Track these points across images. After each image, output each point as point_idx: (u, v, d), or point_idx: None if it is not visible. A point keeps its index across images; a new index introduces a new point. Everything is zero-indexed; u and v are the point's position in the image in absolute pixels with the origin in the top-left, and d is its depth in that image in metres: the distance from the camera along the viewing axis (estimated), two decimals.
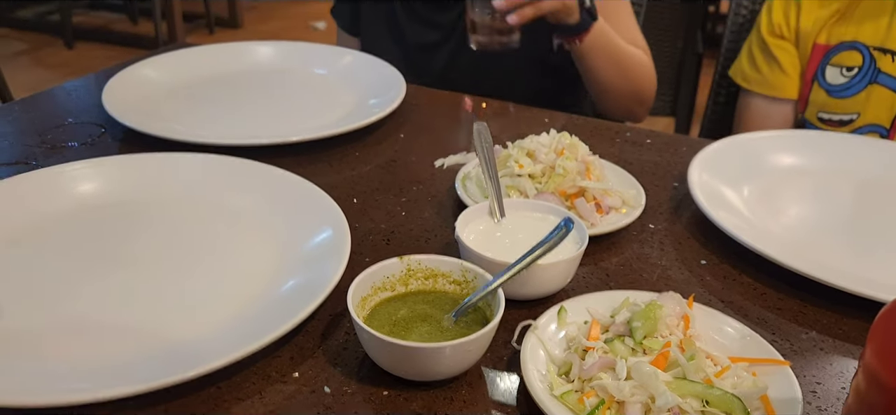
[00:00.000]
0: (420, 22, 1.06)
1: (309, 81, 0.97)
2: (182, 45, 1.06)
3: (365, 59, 0.99)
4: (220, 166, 0.70)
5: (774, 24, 1.02)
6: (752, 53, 1.05)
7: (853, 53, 0.96)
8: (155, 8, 3.29)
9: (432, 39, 1.06)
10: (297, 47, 1.04)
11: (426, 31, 1.06)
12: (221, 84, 0.96)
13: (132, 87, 0.91)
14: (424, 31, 1.06)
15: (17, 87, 2.82)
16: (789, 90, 1.02)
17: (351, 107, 0.89)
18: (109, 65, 3.34)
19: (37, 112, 0.91)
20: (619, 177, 0.72)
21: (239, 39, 3.58)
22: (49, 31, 3.68)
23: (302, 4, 4.32)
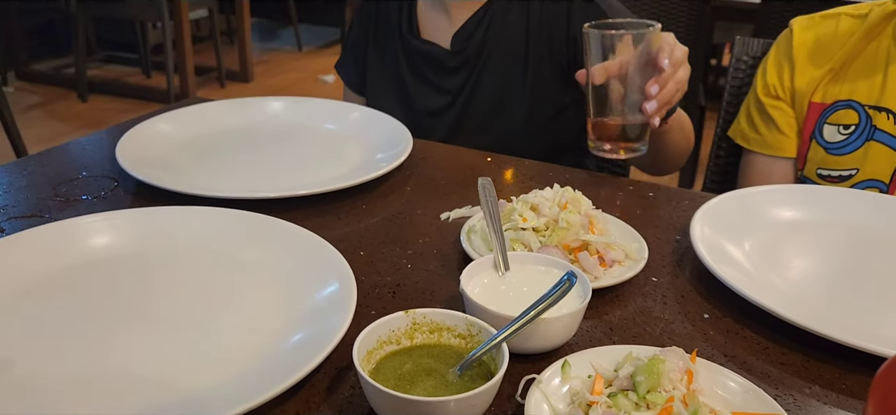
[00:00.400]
0: (428, 87, 1.08)
1: (318, 136, 0.99)
2: (195, 100, 1.09)
3: (372, 115, 1.01)
4: (231, 220, 0.71)
5: (769, 85, 1.04)
6: (750, 114, 1.07)
7: (849, 112, 0.98)
8: (167, 62, 3.37)
9: (439, 104, 1.08)
10: (306, 103, 1.06)
11: (434, 97, 1.08)
12: (233, 138, 0.98)
13: (145, 141, 0.93)
14: (432, 96, 1.08)
15: (31, 140, 2.88)
16: (788, 149, 1.04)
17: (359, 161, 0.91)
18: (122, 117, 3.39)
19: (52, 165, 0.93)
20: (621, 230, 0.73)
21: (249, 92, 3.63)
22: (63, 84, 3.76)
23: (310, 58, 4.42)
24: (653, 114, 0.80)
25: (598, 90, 0.81)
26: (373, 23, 1.13)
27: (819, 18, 1.03)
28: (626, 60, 0.79)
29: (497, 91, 1.06)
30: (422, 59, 1.08)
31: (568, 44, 1.03)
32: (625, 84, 0.80)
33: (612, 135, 0.84)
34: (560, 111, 1.06)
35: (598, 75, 0.80)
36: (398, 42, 1.10)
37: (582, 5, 1.02)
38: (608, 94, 0.82)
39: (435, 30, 1.08)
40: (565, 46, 1.03)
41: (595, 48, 0.80)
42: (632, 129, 0.83)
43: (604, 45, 0.79)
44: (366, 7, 1.14)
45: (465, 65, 1.06)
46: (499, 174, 0.92)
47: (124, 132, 0.94)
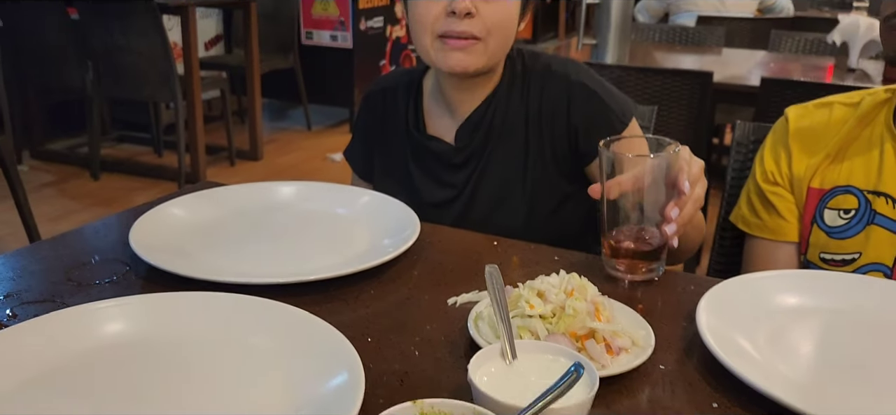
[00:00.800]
0: (433, 181, 1.10)
1: (328, 220, 1.01)
2: (208, 184, 1.11)
3: (381, 199, 1.03)
4: (240, 305, 0.72)
5: (767, 171, 1.05)
6: (751, 200, 1.08)
7: (848, 197, 0.99)
8: (179, 142, 3.44)
9: (444, 197, 1.10)
10: (317, 187, 1.08)
11: (439, 191, 1.10)
12: (244, 222, 1.00)
13: (158, 225, 0.95)
14: (437, 190, 1.10)
15: (42, 218, 2.92)
16: (790, 234, 1.05)
17: (367, 245, 0.92)
18: (132, 195, 3.44)
19: (65, 250, 0.95)
20: (627, 316, 0.73)
21: (259, 170, 3.68)
22: (77, 162, 3.84)
23: (319, 137, 4.50)
24: (672, 236, 0.80)
25: (613, 205, 0.81)
26: (380, 114, 1.16)
27: (813, 107, 1.05)
28: (641, 176, 0.78)
29: (499, 186, 1.07)
30: (428, 155, 1.10)
31: (569, 133, 1.05)
32: (641, 201, 0.80)
33: (627, 254, 0.82)
34: (562, 203, 1.08)
35: (613, 190, 0.79)
36: (405, 136, 1.12)
37: (581, 94, 1.04)
38: (624, 210, 0.81)
39: (440, 125, 1.10)
40: (566, 136, 1.05)
41: (609, 165, 0.79)
42: (648, 249, 0.81)
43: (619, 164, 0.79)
44: (373, 98, 1.17)
45: (469, 160, 1.08)
46: (505, 258, 0.93)
47: (138, 215, 0.96)
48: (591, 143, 1.04)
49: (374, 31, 4.57)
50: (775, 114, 1.13)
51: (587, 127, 1.04)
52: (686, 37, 3.07)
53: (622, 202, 0.80)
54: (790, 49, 2.97)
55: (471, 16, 0.96)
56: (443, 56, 0.99)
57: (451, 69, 1.00)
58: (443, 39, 0.98)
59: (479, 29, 0.97)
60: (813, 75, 2.40)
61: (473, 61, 0.99)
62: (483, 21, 0.97)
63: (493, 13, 0.97)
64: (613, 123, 1.03)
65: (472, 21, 0.96)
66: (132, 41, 3.32)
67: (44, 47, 3.56)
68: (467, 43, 0.97)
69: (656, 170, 0.79)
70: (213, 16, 4.47)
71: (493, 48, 1.00)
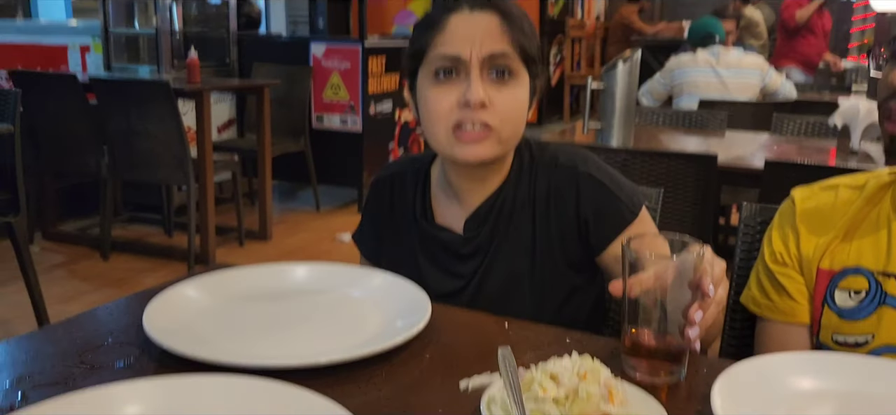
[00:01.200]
0: (441, 272, 1.11)
1: (340, 301, 1.02)
2: (221, 266, 1.12)
3: (393, 281, 1.04)
4: (254, 389, 0.72)
5: (776, 252, 1.06)
6: (761, 281, 1.08)
7: (858, 278, 1.00)
8: (190, 223, 3.48)
9: (453, 288, 1.10)
10: (330, 268, 1.09)
11: (447, 281, 1.10)
12: (258, 304, 1.01)
13: (171, 306, 0.96)
14: (445, 281, 1.10)
15: (52, 299, 2.93)
16: (801, 315, 1.04)
17: (379, 327, 0.92)
18: (142, 276, 3.45)
19: (79, 332, 0.95)
20: (641, 400, 0.73)
21: (268, 251, 3.69)
22: (87, 243, 3.87)
23: (328, 217, 4.54)
24: (695, 339, 0.78)
25: (633, 304, 0.79)
26: (388, 201, 1.17)
27: (818, 189, 1.07)
28: (663, 275, 0.77)
29: (507, 278, 1.08)
30: (436, 245, 1.11)
31: (578, 225, 1.05)
32: (663, 301, 0.78)
33: (648, 354, 0.80)
34: (570, 295, 1.08)
35: (635, 289, 0.77)
36: (413, 226, 1.13)
37: (590, 185, 1.05)
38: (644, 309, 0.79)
39: (449, 215, 1.11)
40: (575, 228, 1.05)
41: (631, 264, 0.78)
42: (670, 350, 0.79)
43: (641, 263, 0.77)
44: (382, 185, 1.18)
45: (477, 252, 1.09)
46: (517, 340, 0.93)
47: (151, 296, 0.97)
48: (600, 234, 1.05)
49: (382, 115, 4.69)
50: (780, 195, 1.15)
51: (597, 218, 1.04)
52: (689, 120, 3.13)
53: (643, 301, 0.79)
54: (792, 132, 3.01)
55: (484, 106, 0.98)
56: (458, 148, 1.01)
57: (465, 160, 1.01)
58: (457, 131, 1.00)
59: (492, 119, 0.99)
60: (816, 158, 2.43)
61: (487, 151, 1.01)
62: (496, 111, 0.99)
63: (506, 103, 1.00)
64: (624, 214, 1.04)
65: (485, 111, 0.98)
66: (149, 126, 3.41)
67: (62, 132, 3.66)
68: (481, 134, 0.99)
69: (680, 270, 0.77)
70: (227, 100, 4.60)
71: (506, 137, 1.02)
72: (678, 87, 3.70)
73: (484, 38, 0.98)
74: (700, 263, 0.78)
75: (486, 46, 0.98)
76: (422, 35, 1.02)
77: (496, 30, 0.99)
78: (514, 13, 1.01)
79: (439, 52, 1.00)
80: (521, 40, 1.00)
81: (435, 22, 1.01)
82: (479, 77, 0.98)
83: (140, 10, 4.43)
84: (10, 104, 2.61)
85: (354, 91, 4.49)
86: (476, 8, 1.00)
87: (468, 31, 0.99)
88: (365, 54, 4.45)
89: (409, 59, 1.05)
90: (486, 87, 0.98)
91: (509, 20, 1.00)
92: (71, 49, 4.35)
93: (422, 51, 1.02)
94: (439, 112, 1.00)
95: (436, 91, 1.00)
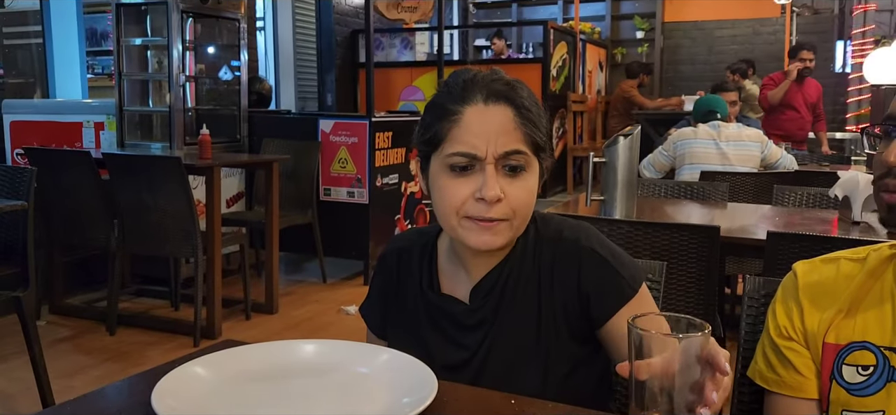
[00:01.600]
0: (447, 342, 1.12)
1: (348, 378, 1.02)
2: (230, 343, 1.13)
3: (400, 358, 1.05)
4: None
5: (780, 326, 1.06)
6: (766, 355, 1.08)
7: (865, 353, 0.99)
8: (197, 296, 3.49)
9: (459, 359, 1.11)
10: (337, 346, 1.10)
11: (453, 352, 1.12)
12: (266, 381, 1.01)
13: (180, 385, 0.97)
14: (451, 352, 1.12)
15: (55, 373, 2.92)
16: (809, 390, 1.04)
17: (385, 405, 0.93)
18: (147, 350, 3.44)
19: (86, 411, 0.96)
20: None
21: (274, 323, 3.69)
22: (94, 317, 3.88)
23: (334, 289, 4.55)
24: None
25: (640, 386, 0.78)
26: (395, 275, 1.19)
27: (820, 262, 1.08)
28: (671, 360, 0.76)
29: (513, 350, 1.09)
30: (441, 315, 1.13)
31: (580, 299, 1.07)
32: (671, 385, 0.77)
33: None
34: (575, 368, 1.09)
35: (642, 372, 0.77)
36: (419, 297, 1.15)
37: (591, 260, 1.07)
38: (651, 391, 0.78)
39: (455, 284, 1.14)
40: (577, 302, 1.07)
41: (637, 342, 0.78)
42: None
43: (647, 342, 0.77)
44: (389, 258, 1.21)
45: (482, 323, 1.11)
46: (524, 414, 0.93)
47: (161, 373, 0.98)
48: (601, 308, 1.06)
49: (389, 188, 4.75)
50: (783, 266, 1.16)
51: (597, 293, 1.06)
52: (691, 192, 3.16)
53: (650, 383, 0.78)
54: (794, 203, 3.04)
55: (499, 201, 1.01)
56: (471, 235, 1.04)
57: (477, 247, 1.04)
58: (472, 219, 1.03)
59: (505, 211, 1.02)
60: (819, 228, 2.45)
61: (499, 240, 1.04)
62: (509, 203, 1.02)
63: (519, 194, 1.03)
64: (624, 290, 1.06)
65: (500, 205, 1.02)
66: (159, 200, 3.47)
67: (74, 207, 3.72)
68: (494, 224, 1.03)
69: (687, 352, 0.77)
70: (237, 174, 4.68)
71: (518, 225, 1.05)
72: (680, 158, 3.76)
73: (499, 135, 1.01)
74: (707, 342, 0.77)
75: (501, 145, 1.01)
76: (436, 123, 1.04)
77: (510, 125, 1.02)
78: (526, 105, 1.04)
79: (455, 148, 1.02)
80: (533, 134, 1.04)
81: (449, 112, 1.03)
82: (494, 174, 1.01)
83: (154, 89, 4.56)
84: (25, 182, 2.68)
85: (361, 164, 4.57)
86: (491, 101, 1.03)
87: (483, 127, 1.01)
88: (372, 129, 4.54)
89: (422, 143, 1.08)
90: (500, 180, 1.01)
91: (522, 114, 1.02)
92: (86, 127, 4.46)
93: (436, 140, 1.04)
94: (454, 204, 1.03)
95: (451, 183, 1.03)
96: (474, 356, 1.10)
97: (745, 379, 1.20)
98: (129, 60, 4.46)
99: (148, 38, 4.47)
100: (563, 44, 8.26)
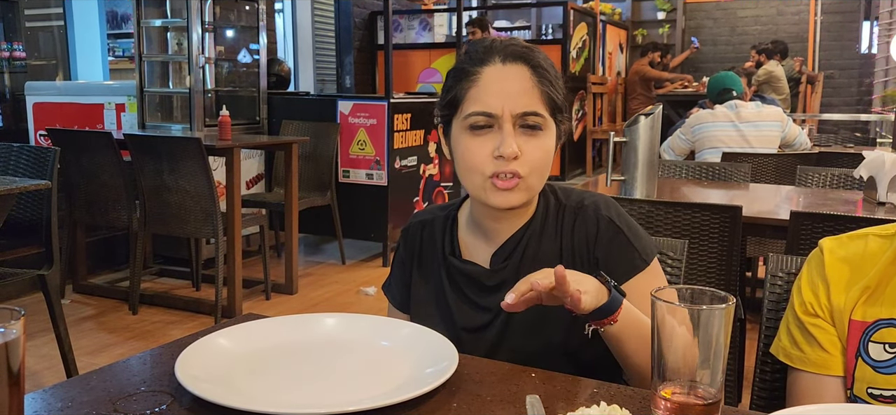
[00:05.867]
0: (469, 305, 1.15)
1: (369, 351, 1.03)
2: (252, 316, 1.14)
3: (421, 331, 1.05)
4: None
5: (806, 303, 1.05)
6: (791, 332, 1.07)
7: (893, 330, 0.98)
8: (218, 276, 3.52)
9: (480, 322, 1.14)
10: (359, 319, 1.11)
11: (475, 314, 1.14)
12: (288, 353, 1.02)
13: (204, 355, 0.98)
14: (473, 314, 1.14)
15: (80, 351, 2.98)
16: (834, 367, 1.02)
17: (407, 376, 0.93)
18: (169, 329, 3.50)
19: (113, 381, 0.97)
20: None
21: (294, 304, 3.72)
22: (117, 296, 3.94)
23: (353, 271, 4.57)
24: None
25: (662, 357, 0.78)
26: (418, 246, 1.22)
27: (847, 239, 1.06)
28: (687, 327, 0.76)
29: (534, 311, 1.09)
30: (463, 279, 1.16)
31: (591, 265, 1.10)
32: (694, 355, 0.76)
33: (679, 409, 0.77)
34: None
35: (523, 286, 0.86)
36: (441, 263, 1.18)
37: (608, 230, 1.10)
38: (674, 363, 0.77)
39: (476, 250, 1.17)
40: (589, 266, 1.10)
41: (660, 315, 0.77)
42: (702, 403, 0.77)
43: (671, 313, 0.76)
44: (412, 231, 1.24)
45: (503, 284, 1.11)
46: (543, 390, 0.93)
47: (184, 345, 0.99)
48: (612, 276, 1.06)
49: (408, 170, 4.75)
50: (806, 247, 1.15)
51: (609, 260, 1.09)
52: (712, 173, 3.12)
53: (672, 356, 0.78)
54: (817, 183, 2.99)
55: (516, 158, 1.05)
56: (492, 195, 1.07)
57: (497, 206, 1.08)
58: (492, 179, 1.06)
59: (522, 168, 1.05)
60: (843, 209, 2.41)
61: (518, 199, 1.08)
62: (526, 161, 1.06)
63: (535, 153, 1.06)
64: (635, 261, 1.09)
65: (516, 162, 1.05)
66: (180, 181, 3.50)
67: (97, 187, 3.77)
68: (513, 182, 1.06)
69: (708, 326, 0.76)
70: (256, 156, 4.71)
71: (533, 183, 1.08)
72: (699, 141, 3.71)
73: (516, 94, 1.05)
74: (729, 315, 0.77)
75: (518, 104, 1.04)
76: (456, 85, 1.09)
77: (528, 84, 1.06)
78: (542, 65, 1.08)
79: (474, 107, 1.06)
80: (550, 93, 1.08)
81: (469, 73, 1.07)
82: (512, 132, 1.04)
83: (174, 70, 4.59)
84: (48, 162, 2.71)
85: (380, 146, 4.57)
86: (508, 60, 1.07)
87: (501, 87, 1.05)
88: (390, 111, 4.54)
89: (443, 107, 1.12)
90: (518, 139, 1.05)
91: (539, 73, 1.07)
92: (107, 108, 4.50)
93: (456, 101, 1.08)
94: (475, 162, 1.06)
95: (471, 142, 1.07)
96: (496, 318, 1.12)
97: (768, 356, 1.19)
98: (149, 42, 4.49)
99: (168, 19, 4.49)
100: (582, 25, 8.18)
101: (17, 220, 2.73)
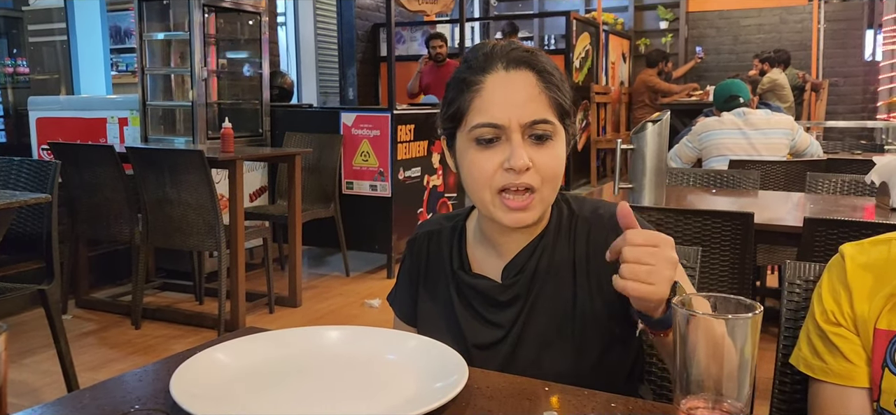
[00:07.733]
0: (479, 321, 1.09)
1: (375, 365, 0.99)
2: (252, 330, 1.11)
3: (429, 344, 1.01)
4: None
5: (828, 311, 1.01)
6: (812, 341, 1.03)
7: None
8: (221, 289, 3.49)
9: (492, 338, 1.08)
10: (364, 332, 1.07)
11: (485, 331, 1.08)
12: (290, 368, 0.98)
13: (201, 371, 0.94)
14: (483, 331, 1.08)
15: (81, 367, 2.94)
16: (859, 379, 0.98)
17: (415, 390, 0.89)
18: (171, 343, 3.46)
19: (106, 398, 0.93)
20: None
21: (297, 317, 3.68)
22: (119, 311, 3.90)
23: (357, 283, 4.53)
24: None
25: (686, 370, 0.74)
26: (425, 258, 1.16)
27: (869, 245, 1.02)
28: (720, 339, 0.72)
29: (547, 326, 1.05)
30: (473, 294, 1.10)
31: (611, 267, 1.04)
32: (718, 367, 0.73)
33: None
34: (610, 346, 1.05)
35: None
36: (450, 277, 1.12)
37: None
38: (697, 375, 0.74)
39: (486, 264, 1.11)
40: (607, 273, 1.04)
41: (684, 323, 0.74)
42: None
43: (694, 322, 0.73)
44: (418, 242, 1.18)
45: (516, 300, 1.07)
46: (558, 404, 0.89)
47: (181, 361, 0.96)
48: None
49: (411, 181, 4.72)
50: (819, 254, 1.11)
51: None
52: (720, 180, 3.09)
53: (696, 368, 0.74)
54: (827, 190, 2.95)
55: (528, 169, 0.99)
56: (503, 213, 1.01)
57: (510, 225, 1.02)
58: (502, 195, 1.01)
59: (535, 180, 1.00)
60: (855, 215, 2.37)
61: (531, 217, 1.02)
62: (538, 171, 1.00)
63: (546, 162, 1.00)
64: None
65: (528, 173, 0.99)
66: (183, 194, 3.47)
67: (99, 201, 3.74)
68: (526, 200, 1.00)
69: (734, 335, 0.72)
70: (259, 169, 4.68)
71: (546, 195, 1.03)
72: (707, 149, 3.67)
73: (523, 102, 0.99)
74: (756, 324, 0.73)
75: (526, 113, 0.98)
76: (458, 96, 1.02)
77: (534, 91, 1.00)
78: (548, 69, 1.02)
79: (479, 119, 1.00)
80: (558, 98, 1.01)
81: (471, 83, 1.01)
82: (521, 143, 0.98)
83: (177, 83, 4.58)
84: (49, 176, 2.69)
85: (384, 158, 4.55)
86: (512, 67, 1.01)
87: (506, 96, 0.99)
88: (394, 122, 4.52)
89: (446, 120, 1.05)
90: (527, 149, 0.99)
91: (545, 78, 1.01)
92: (110, 122, 4.49)
93: (460, 113, 1.02)
94: (483, 177, 1.00)
95: (478, 156, 1.01)
96: (508, 334, 1.07)
97: (788, 367, 1.14)
98: (151, 55, 4.48)
99: (170, 32, 4.49)
100: (585, 35, 8.16)
101: (18, 234, 2.70)
